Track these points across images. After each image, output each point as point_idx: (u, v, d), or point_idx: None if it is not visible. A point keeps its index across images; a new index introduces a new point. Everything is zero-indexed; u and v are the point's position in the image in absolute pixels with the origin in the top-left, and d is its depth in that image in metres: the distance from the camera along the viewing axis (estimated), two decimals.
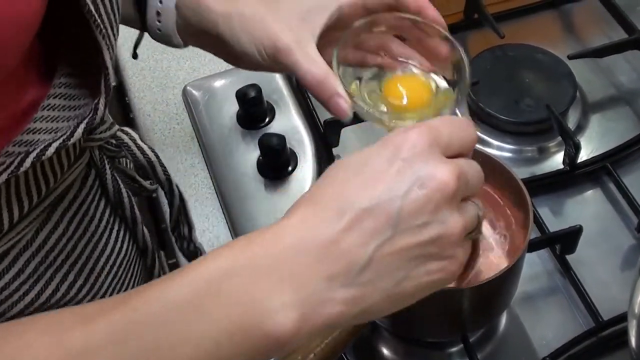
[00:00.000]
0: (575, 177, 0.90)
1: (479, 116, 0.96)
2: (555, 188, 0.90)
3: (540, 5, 1.09)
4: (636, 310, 0.67)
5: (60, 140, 0.53)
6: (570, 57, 0.96)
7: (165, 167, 0.70)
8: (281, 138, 0.89)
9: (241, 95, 0.94)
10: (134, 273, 0.72)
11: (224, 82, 1.02)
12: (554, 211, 0.90)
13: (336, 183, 0.53)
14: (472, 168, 0.56)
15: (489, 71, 0.96)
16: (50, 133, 0.55)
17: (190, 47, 1.02)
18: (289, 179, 0.91)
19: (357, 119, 0.86)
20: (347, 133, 0.93)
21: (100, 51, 0.54)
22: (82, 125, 0.54)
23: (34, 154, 0.52)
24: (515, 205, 0.76)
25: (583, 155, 0.90)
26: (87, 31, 0.54)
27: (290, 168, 0.92)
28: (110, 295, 0.68)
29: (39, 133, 0.55)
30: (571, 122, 0.96)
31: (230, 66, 0.95)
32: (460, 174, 0.53)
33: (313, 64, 0.65)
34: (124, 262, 0.70)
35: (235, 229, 0.89)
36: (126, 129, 0.67)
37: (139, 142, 0.67)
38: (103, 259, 0.67)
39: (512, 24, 1.05)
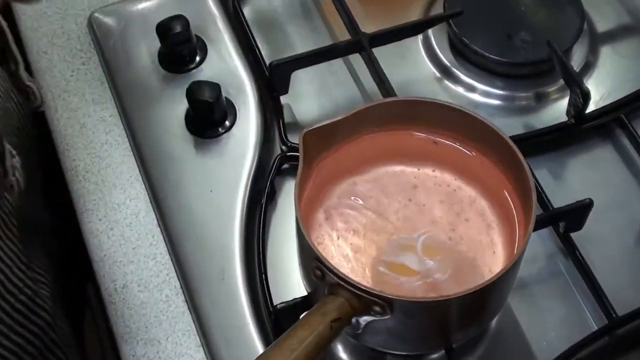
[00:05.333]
0: (581, 132, 0.86)
1: (461, 54, 0.91)
2: (556, 145, 0.86)
3: None
4: None
5: None
6: None
7: None
8: (214, 88, 0.82)
9: (163, 30, 0.86)
10: None
11: (142, 9, 0.93)
12: (554, 174, 0.85)
13: None
14: None
15: None
16: None
17: None
18: (225, 138, 0.85)
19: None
20: (299, 77, 0.88)
21: None
22: None
23: None
24: (510, 179, 0.72)
25: (591, 104, 0.85)
26: None
27: (227, 123, 0.85)
28: None
29: None
30: (576, 60, 0.91)
31: None
32: None
33: None
34: None
35: (159, 203, 0.82)
36: None
37: None
38: None
39: None
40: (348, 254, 0.70)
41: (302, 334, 0.62)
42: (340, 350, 0.76)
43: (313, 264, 0.64)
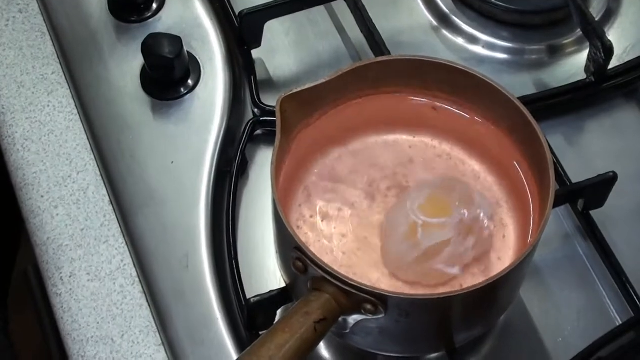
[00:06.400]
0: (602, 91, 0.86)
1: (463, 0, 0.91)
2: (573, 107, 0.86)
3: None
4: None
5: None
6: None
7: None
8: (175, 40, 0.82)
9: None
10: None
11: None
12: (570, 141, 0.85)
13: None
14: None
15: None
16: None
17: None
18: (188, 99, 0.84)
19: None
20: (273, 28, 0.88)
21: None
22: None
23: None
24: (521, 149, 0.71)
25: (613, 59, 0.84)
26: None
27: (190, 82, 0.85)
28: None
29: None
30: (595, 7, 0.91)
31: None
32: None
33: None
34: None
35: (111, 177, 0.81)
36: None
37: None
38: None
39: None
40: (333, 239, 0.69)
41: (281, 338, 0.61)
42: (323, 348, 0.75)
43: (293, 254, 0.63)
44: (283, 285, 0.71)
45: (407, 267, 0.66)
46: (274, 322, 0.69)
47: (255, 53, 0.86)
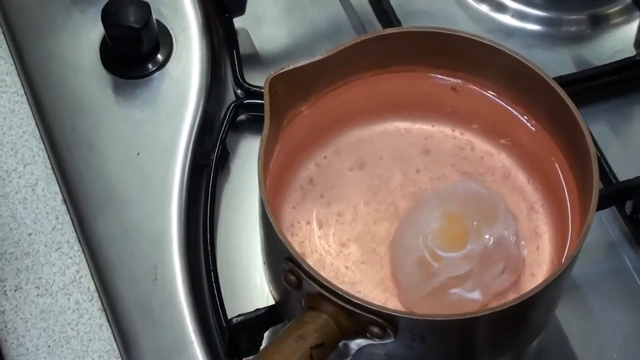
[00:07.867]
0: None
1: None
2: (619, 90, 0.86)
3: None
4: None
5: None
6: None
7: None
8: (142, 8, 0.83)
9: None
10: None
11: None
12: (616, 130, 0.86)
13: None
14: None
15: None
16: None
17: None
18: (157, 78, 0.85)
19: None
20: None
21: None
22: None
23: None
24: (559, 141, 0.71)
25: None
26: None
27: (159, 57, 0.86)
28: None
29: None
30: None
31: None
32: None
33: None
34: None
35: (65, 171, 0.81)
36: None
37: None
38: None
39: None
40: (332, 249, 0.69)
41: None
42: None
43: (285, 265, 0.63)
44: (272, 302, 0.71)
45: (421, 299, 0.67)
46: (261, 348, 0.69)
47: (238, 22, 0.87)
